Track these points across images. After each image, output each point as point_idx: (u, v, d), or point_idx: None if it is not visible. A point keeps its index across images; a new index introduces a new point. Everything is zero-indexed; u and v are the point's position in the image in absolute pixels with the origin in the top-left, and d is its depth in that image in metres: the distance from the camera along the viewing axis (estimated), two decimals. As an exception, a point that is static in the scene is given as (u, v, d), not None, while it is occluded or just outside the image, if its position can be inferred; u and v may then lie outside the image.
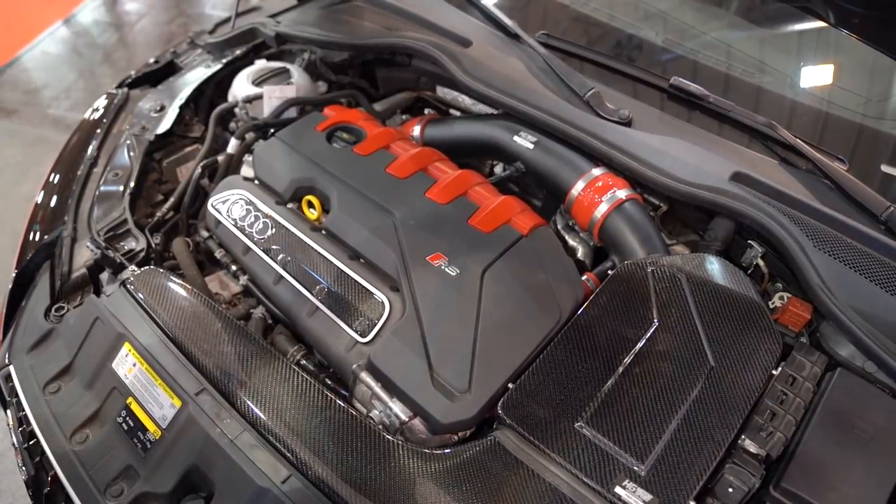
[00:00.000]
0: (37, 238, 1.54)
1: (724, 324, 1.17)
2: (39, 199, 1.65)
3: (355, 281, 1.29)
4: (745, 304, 1.20)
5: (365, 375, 1.16)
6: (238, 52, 1.97)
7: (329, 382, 1.28)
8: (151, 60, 2.05)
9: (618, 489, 0.97)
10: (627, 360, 1.12)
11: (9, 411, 1.28)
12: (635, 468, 0.98)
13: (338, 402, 1.12)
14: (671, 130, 1.48)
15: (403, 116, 1.98)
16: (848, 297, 1.18)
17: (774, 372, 1.13)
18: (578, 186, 1.47)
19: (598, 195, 1.44)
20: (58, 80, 4.27)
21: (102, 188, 1.57)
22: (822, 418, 1.06)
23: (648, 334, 1.16)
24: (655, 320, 1.18)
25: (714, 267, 1.28)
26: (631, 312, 1.20)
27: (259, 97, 1.76)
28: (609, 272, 1.32)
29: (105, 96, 1.92)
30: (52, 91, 4.17)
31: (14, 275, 1.47)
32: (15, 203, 3.32)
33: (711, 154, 1.41)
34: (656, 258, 1.30)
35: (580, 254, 1.53)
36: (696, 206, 1.40)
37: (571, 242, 1.55)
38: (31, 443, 1.20)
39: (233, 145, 1.66)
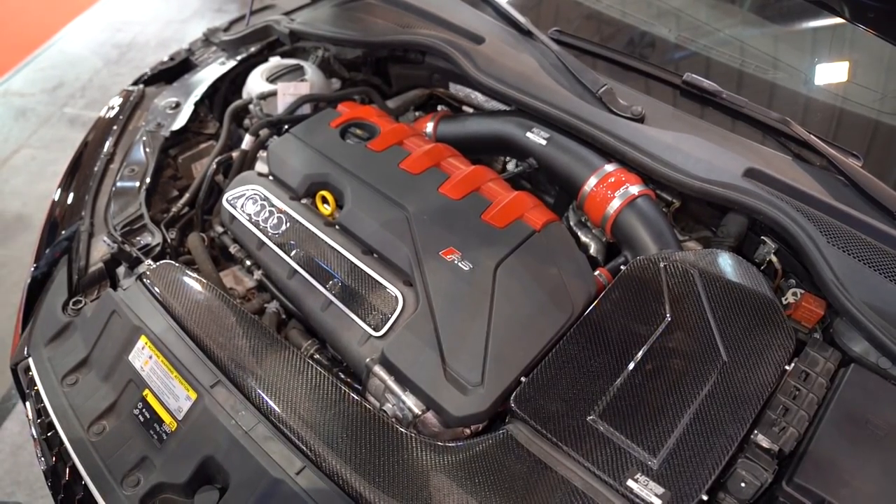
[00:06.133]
0: (54, 234, 1.56)
1: (736, 319, 1.17)
2: (57, 195, 1.67)
3: (369, 275, 1.30)
4: (757, 299, 1.20)
5: (378, 369, 1.17)
6: (252, 49, 1.98)
7: (342, 376, 1.29)
8: (166, 58, 2.07)
9: (630, 482, 0.97)
10: (639, 354, 1.12)
11: (27, 403, 1.30)
12: (647, 462, 0.99)
13: (351, 395, 1.12)
14: (684, 127, 1.48)
15: (416, 113, 1.99)
16: (862, 293, 1.18)
17: (787, 367, 1.12)
18: (591, 182, 1.47)
19: (611, 191, 1.44)
20: (74, 79, 4.31)
21: (119, 184, 1.59)
22: (835, 414, 1.06)
23: (661, 329, 1.16)
24: (668, 315, 1.18)
25: (727, 263, 1.28)
26: (643, 308, 1.20)
27: (273, 94, 1.78)
28: (622, 268, 1.32)
29: (121, 94, 1.94)
30: (68, 89, 4.22)
31: (32, 269, 1.49)
32: (33, 200, 3.36)
33: (724, 150, 1.41)
34: (669, 254, 1.30)
35: (593, 250, 1.53)
36: (708, 202, 1.40)
37: (584, 238, 1.55)
38: (49, 434, 1.22)
39: (247, 142, 1.67)
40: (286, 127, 1.67)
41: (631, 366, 1.11)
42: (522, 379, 1.12)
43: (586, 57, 1.71)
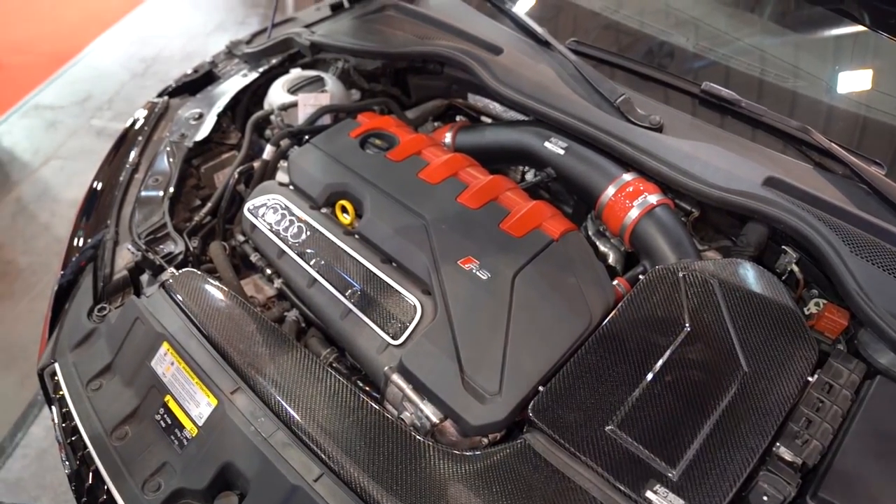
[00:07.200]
0: (80, 242, 1.60)
1: (757, 330, 1.16)
2: (83, 205, 1.71)
3: (387, 284, 1.30)
4: (779, 310, 1.19)
5: (396, 377, 1.17)
6: (274, 61, 2.01)
7: (361, 384, 1.30)
8: (190, 70, 2.11)
9: (649, 494, 0.96)
10: (658, 364, 1.11)
11: (53, 408, 1.33)
12: (667, 473, 0.98)
13: (369, 403, 1.13)
14: (703, 136, 1.47)
15: (435, 124, 2.00)
16: (887, 303, 1.16)
17: (810, 379, 1.11)
18: (609, 192, 1.47)
19: (629, 200, 1.43)
20: (101, 91, 4.41)
21: (143, 193, 1.62)
22: (860, 427, 1.04)
23: (680, 339, 1.15)
24: (687, 325, 1.17)
25: (747, 272, 1.26)
26: (662, 317, 1.19)
27: (294, 105, 1.80)
28: (640, 277, 1.32)
29: (146, 105, 1.98)
30: (96, 101, 4.31)
31: (59, 277, 1.52)
32: (60, 209, 3.43)
33: (744, 159, 1.40)
34: (688, 263, 1.29)
35: (611, 259, 1.52)
36: (728, 211, 1.39)
37: (602, 248, 1.55)
38: (73, 438, 1.24)
39: (268, 152, 1.69)
40: (307, 137, 1.69)
41: (650, 376, 1.10)
42: (540, 388, 1.11)
43: (604, 67, 1.71)
